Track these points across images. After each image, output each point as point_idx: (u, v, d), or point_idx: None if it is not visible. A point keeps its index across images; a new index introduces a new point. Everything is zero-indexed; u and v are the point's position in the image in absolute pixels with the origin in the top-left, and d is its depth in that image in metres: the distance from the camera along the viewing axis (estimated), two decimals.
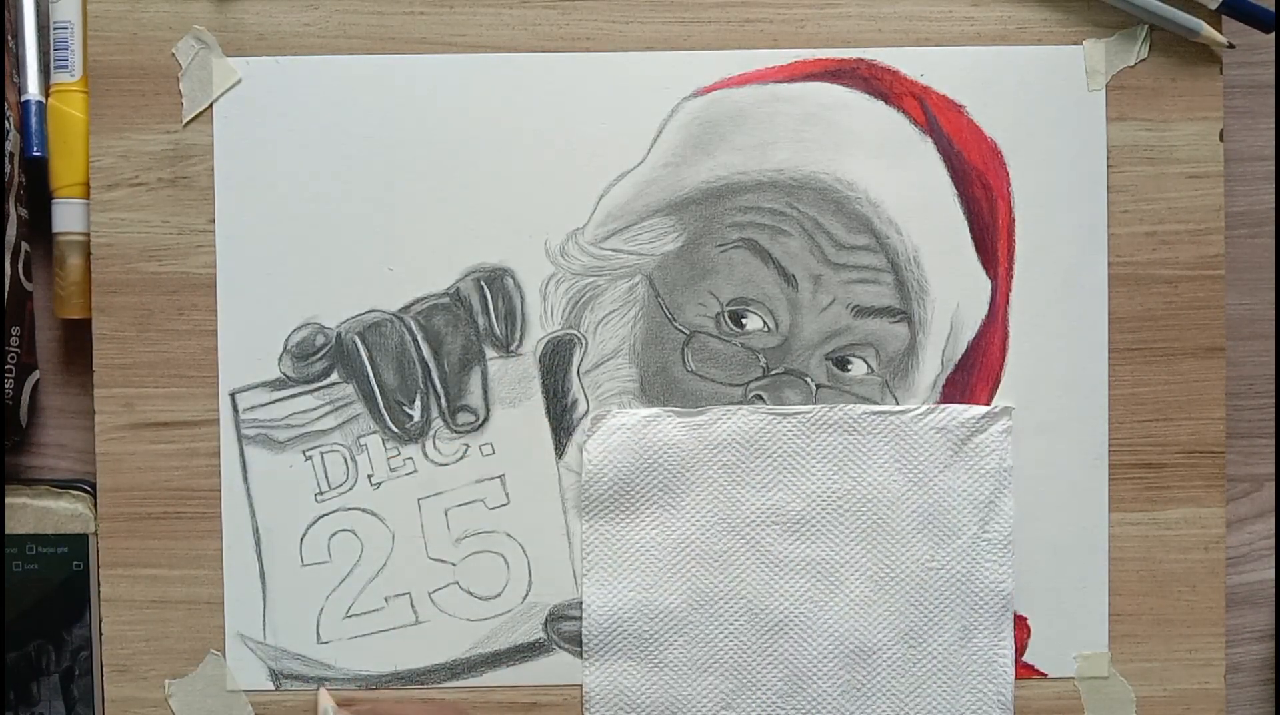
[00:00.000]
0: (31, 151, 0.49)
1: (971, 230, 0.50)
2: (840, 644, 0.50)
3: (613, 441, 0.50)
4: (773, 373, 0.51)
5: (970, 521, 0.50)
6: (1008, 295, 0.51)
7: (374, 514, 0.50)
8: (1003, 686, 0.51)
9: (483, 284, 0.50)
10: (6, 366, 0.49)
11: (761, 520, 0.50)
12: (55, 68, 0.50)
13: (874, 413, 0.50)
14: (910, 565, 0.50)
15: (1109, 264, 0.51)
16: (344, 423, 0.50)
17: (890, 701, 0.51)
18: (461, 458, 0.51)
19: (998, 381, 0.51)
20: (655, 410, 0.50)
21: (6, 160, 0.49)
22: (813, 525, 0.50)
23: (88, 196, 0.50)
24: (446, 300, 0.50)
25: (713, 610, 0.50)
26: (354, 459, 0.50)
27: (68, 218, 0.50)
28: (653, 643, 0.50)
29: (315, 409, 0.50)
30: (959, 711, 0.51)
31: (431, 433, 0.50)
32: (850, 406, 0.50)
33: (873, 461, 0.50)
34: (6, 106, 0.49)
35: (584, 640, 0.50)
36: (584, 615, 0.50)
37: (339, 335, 0.50)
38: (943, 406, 0.50)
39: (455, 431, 0.50)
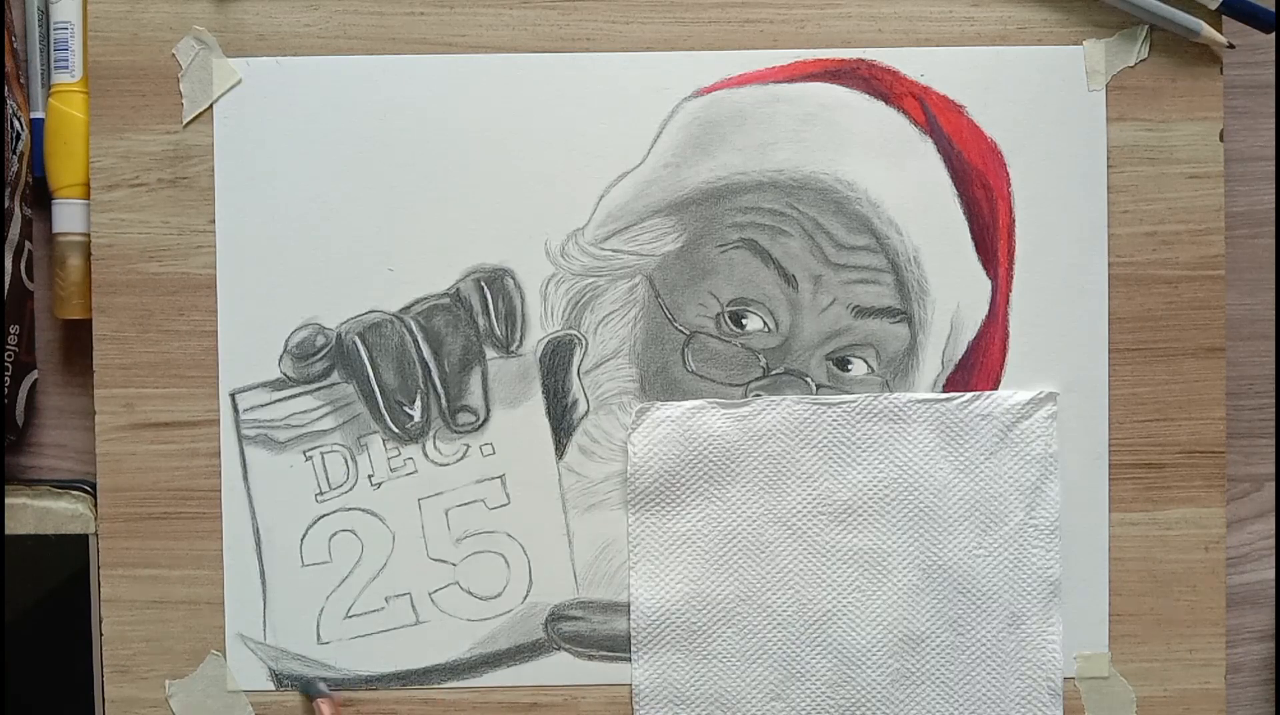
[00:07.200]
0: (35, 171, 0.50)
1: (971, 230, 0.50)
2: (889, 632, 0.50)
3: (657, 434, 0.50)
4: (773, 373, 0.51)
5: (1017, 507, 0.50)
6: (1008, 295, 0.51)
7: (374, 514, 0.50)
8: (1051, 673, 0.50)
9: (483, 284, 0.50)
10: (4, 365, 0.49)
11: (808, 510, 0.50)
12: (55, 68, 0.50)
13: (919, 401, 0.50)
14: (957, 552, 0.50)
15: (1109, 264, 0.51)
16: (344, 423, 0.50)
17: (939, 689, 0.50)
18: (462, 458, 0.50)
19: (998, 382, 0.51)
20: (700, 402, 0.50)
21: (16, 159, 0.49)
22: (859, 514, 0.50)
23: (88, 197, 0.50)
24: (447, 300, 0.50)
25: (761, 601, 0.50)
26: (354, 459, 0.50)
27: (68, 218, 0.50)
28: (701, 635, 0.50)
29: (315, 409, 0.50)
30: (1008, 698, 0.50)
31: (432, 433, 0.50)
32: (895, 395, 0.50)
33: (918, 449, 0.50)
34: (15, 106, 0.49)
35: (632, 634, 0.50)
36: (632, 609, 0.50)
37: (339, 335, 0.50)
38: (988, 393, 0.50)
39: (455, 432, 0.50)
